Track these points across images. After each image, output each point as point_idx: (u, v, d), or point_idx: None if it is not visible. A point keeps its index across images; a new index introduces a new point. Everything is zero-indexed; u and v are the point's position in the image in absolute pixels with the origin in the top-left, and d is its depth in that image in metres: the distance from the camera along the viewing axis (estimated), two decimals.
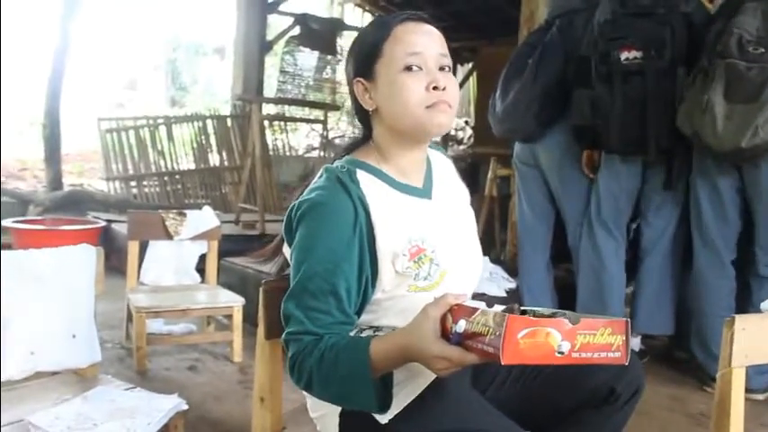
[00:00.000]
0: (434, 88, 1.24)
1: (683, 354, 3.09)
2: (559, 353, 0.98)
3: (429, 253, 1.26)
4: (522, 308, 1.11)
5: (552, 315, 1.06)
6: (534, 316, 1.04)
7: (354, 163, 1.30)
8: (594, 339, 1.00)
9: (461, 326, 1.04)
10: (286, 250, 1.32)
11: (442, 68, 1.27)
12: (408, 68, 1.24)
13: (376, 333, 1.26)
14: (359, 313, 1.26)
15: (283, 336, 1.23)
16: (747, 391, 1.78)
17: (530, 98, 3.06)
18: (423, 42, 1.26)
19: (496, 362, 0.95)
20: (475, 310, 1.04)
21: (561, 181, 3.22)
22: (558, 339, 0.97)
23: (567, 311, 1.07)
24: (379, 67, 1.28)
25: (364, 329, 1.29)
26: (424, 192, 1.35)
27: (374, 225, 1.23)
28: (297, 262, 1.23)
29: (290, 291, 1.22)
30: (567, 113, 3.08)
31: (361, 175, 1.27)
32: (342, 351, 1.15)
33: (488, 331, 0.98)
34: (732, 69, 2.53)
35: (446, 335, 1.07)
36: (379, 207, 1.25)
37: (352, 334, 1.25)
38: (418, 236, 1.26)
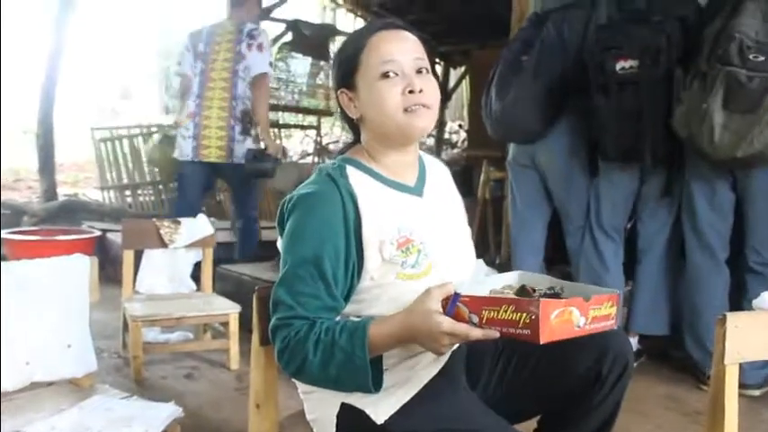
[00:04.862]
0: (410, 92, 1.29)
1: (679, 353, 3.10)
2: (577, 327, 1.11)
3: (417, 243, 1.31)
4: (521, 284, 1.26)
5: (550, 289, 1.24)
6: (535, 293, 1.22)
7: (345, 160, 1.36)
8: (601, 312, 1.14)
9: (483, 315, 1.13)
10: (279, 243, 1.36)
11: (419, 71, 1.32)
12: (385, 75, 1.30)
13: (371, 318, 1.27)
14: (346, 300, 1.29)
15: (272, 322, 1.25)
16: (743, 386, 1.79)
17: (531, 97, 3.01)
18: (397, 49, 1.31)
19: (534, 342, 1.06)
20: (488, 298, 1.15)
21: (566, 185, 3.19)
22: (577, 316, 1.10)
23: (560, 282, 1.25)
24: (358, 78, 1.33)
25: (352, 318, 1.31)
26: (416, 190, 1.40)
27: (361, 214, 1.27)
28: (286, 250, 1.28)
29: (280, 277, 1.27)
30: (569, 115, 3.08)
31: (351, 171, 1.33)
32: (339, 334, 1.19)
33: (520, 317, 1.08)
34: (732, 78, 2.49)
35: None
36: (368, 198, 1.29)
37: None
38: (407, 227, 1.31)
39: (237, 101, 3.74)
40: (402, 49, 1.31)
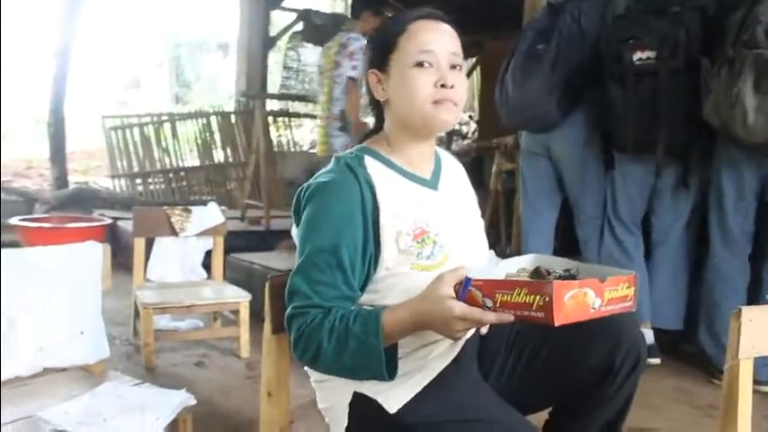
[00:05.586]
0: (442, 86, 1.28)
1: (690, 347, 3.08)
2: (593, 308, 1.09)
3: (433, 235, 1.30)
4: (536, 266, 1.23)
5: (566, 271, 1.21)
6: (549, 275, 1.18)
7: (364, 150, 1.36)
8: (617, 293, 1.12)
9: (497, 299, 1.10)
10: (294, 232, 1.35)
11: (453, 67, 1.31)
12: (420, 64, 1.29)
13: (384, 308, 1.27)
14: (361, 291, 1.29)
15: (288, 310, 1.25)
16: (756, 382, 1.77)
17: (549, 87, 2.99)
18: (436, 40, 1.30)
19: (549, 325, 1.04)
20: (502, 282, 1.13)
21: (579, 176, 3.17)
22: (593, 297, 1.08)
23: (576, 264, 1.22)
24: (392, 61, 1.32)
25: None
26: (431, 183, 1.39)
27: (379, 205, 1.27)
28: (304, 238, 1.27)
29: (297, 266, 1.26)
30: (585, 106, 3.06)
31: (369, 161, 1.32)
32: (353, 322, 1.18)
33: (534, 300, 1.06)
34: (762, 60, 2.45)
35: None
36: (386, 189, 1.29)
37: None
38: (423, 219, 1.30)
39: (334, 102, 4.27)
40: (440, 41, 1.31)
